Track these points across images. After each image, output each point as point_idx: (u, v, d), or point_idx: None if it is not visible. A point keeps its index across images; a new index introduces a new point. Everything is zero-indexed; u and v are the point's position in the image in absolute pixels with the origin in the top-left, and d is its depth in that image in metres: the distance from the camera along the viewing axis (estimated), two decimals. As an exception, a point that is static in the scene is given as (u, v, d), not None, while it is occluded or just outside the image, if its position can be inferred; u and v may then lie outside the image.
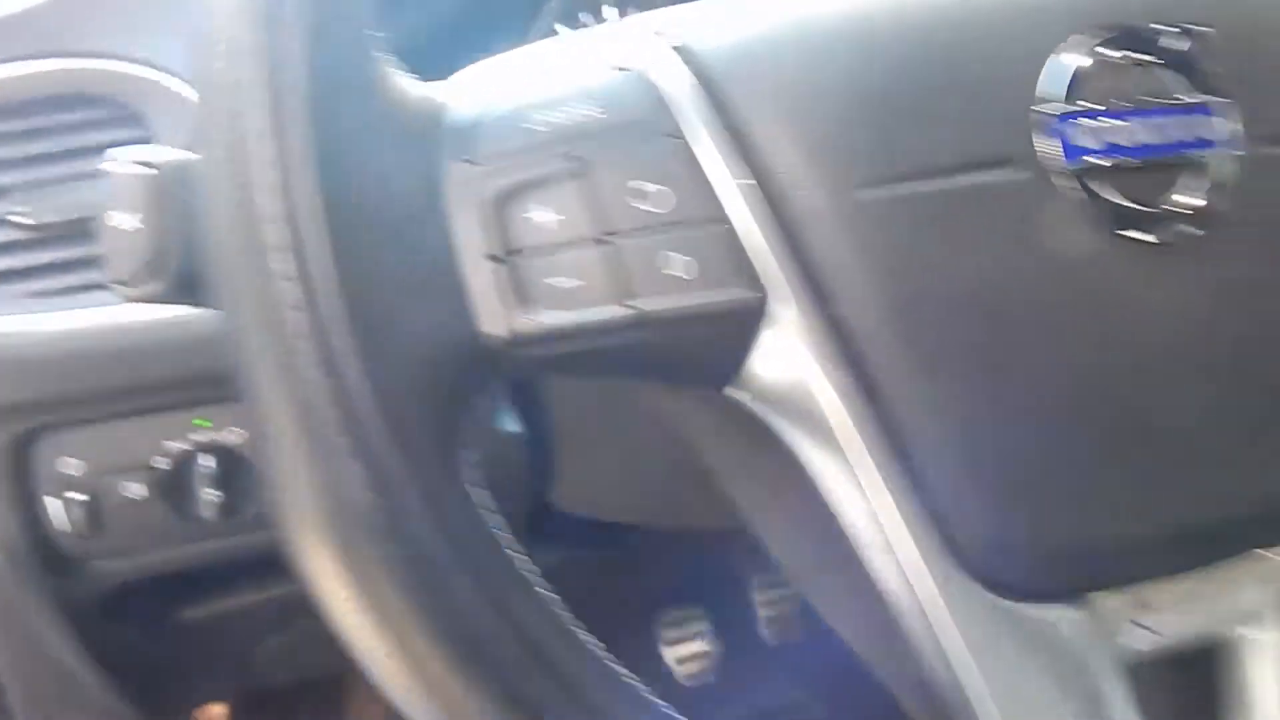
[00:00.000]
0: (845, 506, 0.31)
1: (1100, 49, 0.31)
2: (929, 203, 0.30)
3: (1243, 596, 0.34)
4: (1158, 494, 0.32)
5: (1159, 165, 0.32)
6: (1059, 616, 0.32)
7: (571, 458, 0.53)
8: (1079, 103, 0.31)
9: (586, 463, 0.53)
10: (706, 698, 0.85)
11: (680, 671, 0.85)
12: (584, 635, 0.30)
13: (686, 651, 0.85)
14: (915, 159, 0.30)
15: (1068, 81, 0.31)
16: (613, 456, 0.52)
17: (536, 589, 0.29)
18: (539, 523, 0.57)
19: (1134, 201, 0.31)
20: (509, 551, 0.29)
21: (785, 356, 0.30)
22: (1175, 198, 0.32)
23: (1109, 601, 0.32)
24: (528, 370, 0.30)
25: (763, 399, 0.31)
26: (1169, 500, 0.32)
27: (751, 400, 0.31)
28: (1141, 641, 0.33)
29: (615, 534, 0.60)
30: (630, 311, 0.29)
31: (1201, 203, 0.32)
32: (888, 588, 0.32)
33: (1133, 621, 0.33)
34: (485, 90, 0.30)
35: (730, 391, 0.31)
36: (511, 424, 0.52)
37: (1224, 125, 0.32)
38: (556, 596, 0.30)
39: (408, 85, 0.29)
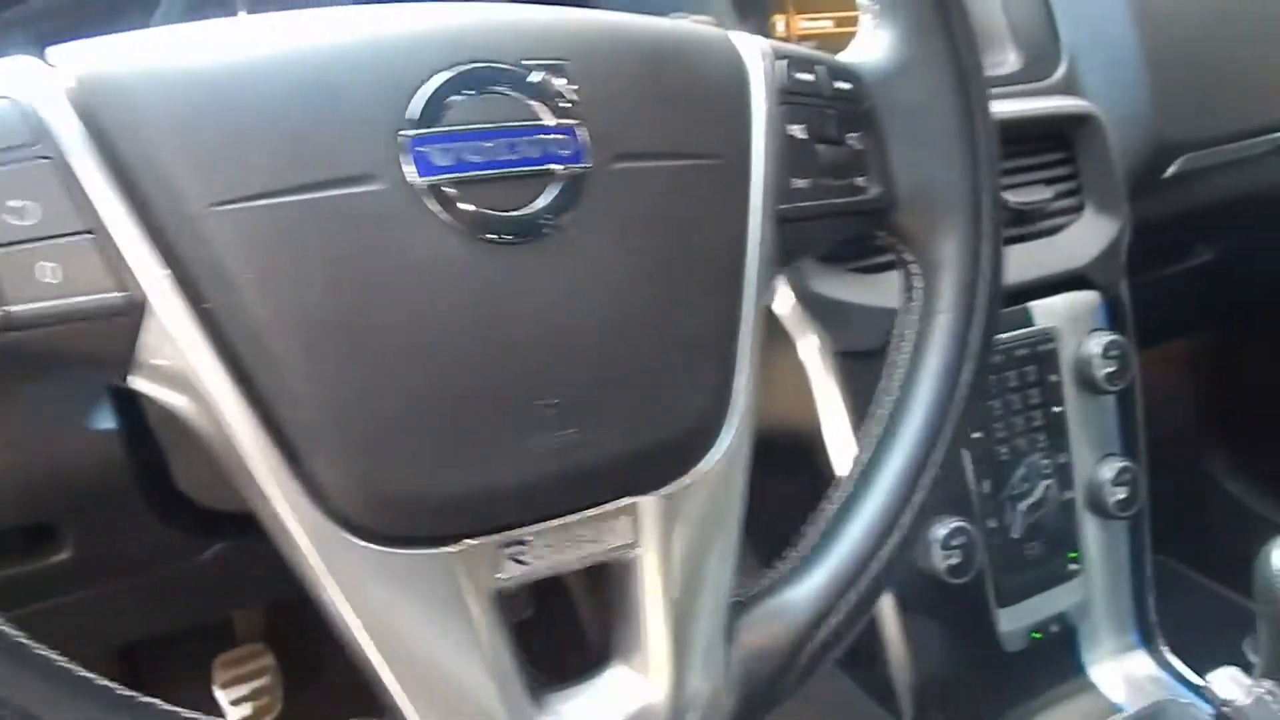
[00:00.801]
0: (240, 479, 0.36)
1: (467, 81, 0.36)
2: (295, 212, 0.35)
3: (615, 532, 0.39)
4: (516, 455, 0.37)
5: (519, 178, 0.37)
6: (431, 559, 0.36)
7: (173, 450, 0.56)
8: (440, 127, 0.36)
9: (186, 454, 0.56)
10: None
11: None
12: None
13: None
14: (275, 178, 0.35)
15: (424, 108, 0.36)
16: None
17: None
18: (178, 514, 0.61)
19: (493, 210, 0.36)
20: None
21: (170, 346, 0.34)
22: (533, 206, 0.37)
23: (482, 543, 0.37)
24: None
25: (160, 384, 0.35)
26: (527, 460, 0.37)
27: (149, 385, 0.35)
28: (514, 575, 0.38)
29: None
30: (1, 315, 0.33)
31: (553, 209, 0.37)
32: (282, 547, 0.36)
33: (508, 559, 0.38)
34: None
35: (131, 380, 0.35)
36: (107, 421, 0.55)
37: (577, 144, 0.38)
38: None
39: None
